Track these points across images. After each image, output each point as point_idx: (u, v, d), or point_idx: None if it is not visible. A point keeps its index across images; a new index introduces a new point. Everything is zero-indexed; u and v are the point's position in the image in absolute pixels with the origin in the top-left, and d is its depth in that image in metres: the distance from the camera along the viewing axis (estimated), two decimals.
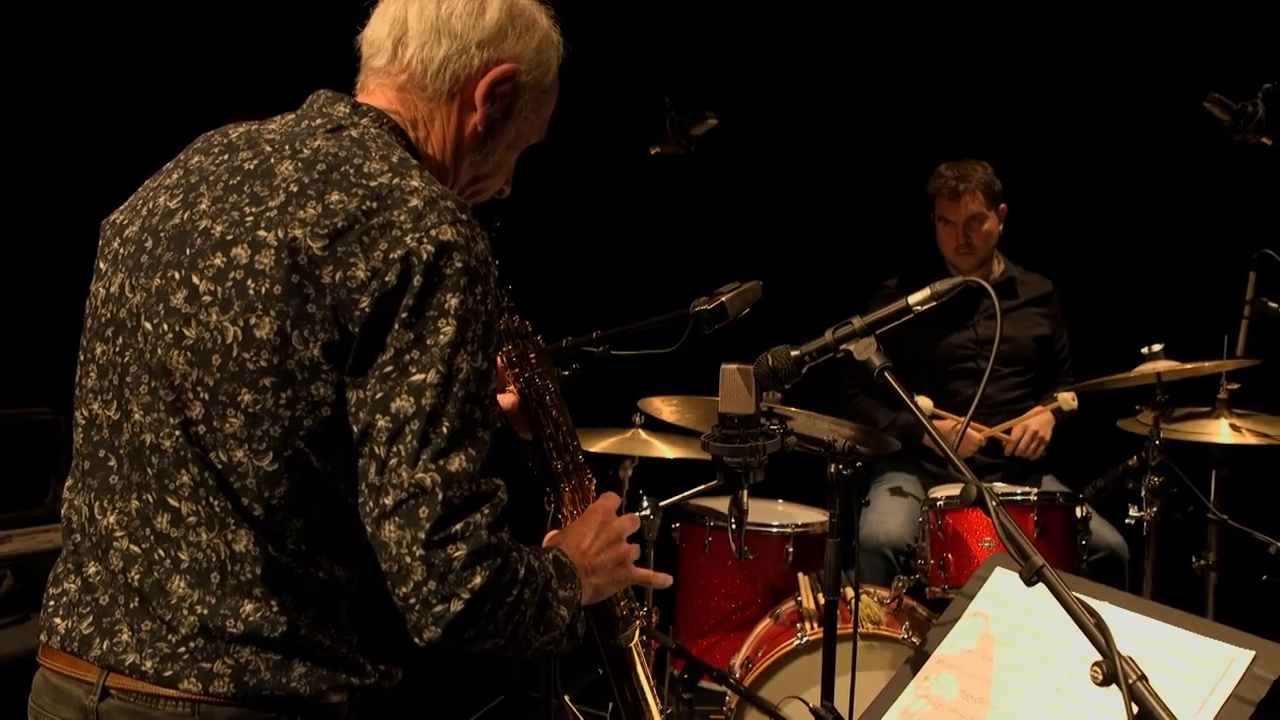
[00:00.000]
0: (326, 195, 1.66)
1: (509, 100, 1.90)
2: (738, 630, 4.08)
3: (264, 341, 1.64)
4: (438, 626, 1.62)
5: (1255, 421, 4.05)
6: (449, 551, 1.60)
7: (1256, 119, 4.05)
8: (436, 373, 1.61)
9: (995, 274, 4.72)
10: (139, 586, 1.73)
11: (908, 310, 2.10)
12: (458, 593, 1.61)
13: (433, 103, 1.86)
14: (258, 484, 1.67)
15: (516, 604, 1.67)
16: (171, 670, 1.70)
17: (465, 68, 1.85)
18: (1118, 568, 4.29)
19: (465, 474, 1.61)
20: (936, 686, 2.25)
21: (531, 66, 1.90)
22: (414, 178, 1.69)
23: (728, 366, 2.19)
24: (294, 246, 1.63)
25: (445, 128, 1.88)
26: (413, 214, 1.64)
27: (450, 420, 1.61)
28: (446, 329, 1.61)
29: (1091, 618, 1.62)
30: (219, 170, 1.77)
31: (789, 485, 4.36)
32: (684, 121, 4.21)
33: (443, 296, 1.61)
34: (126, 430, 1.75)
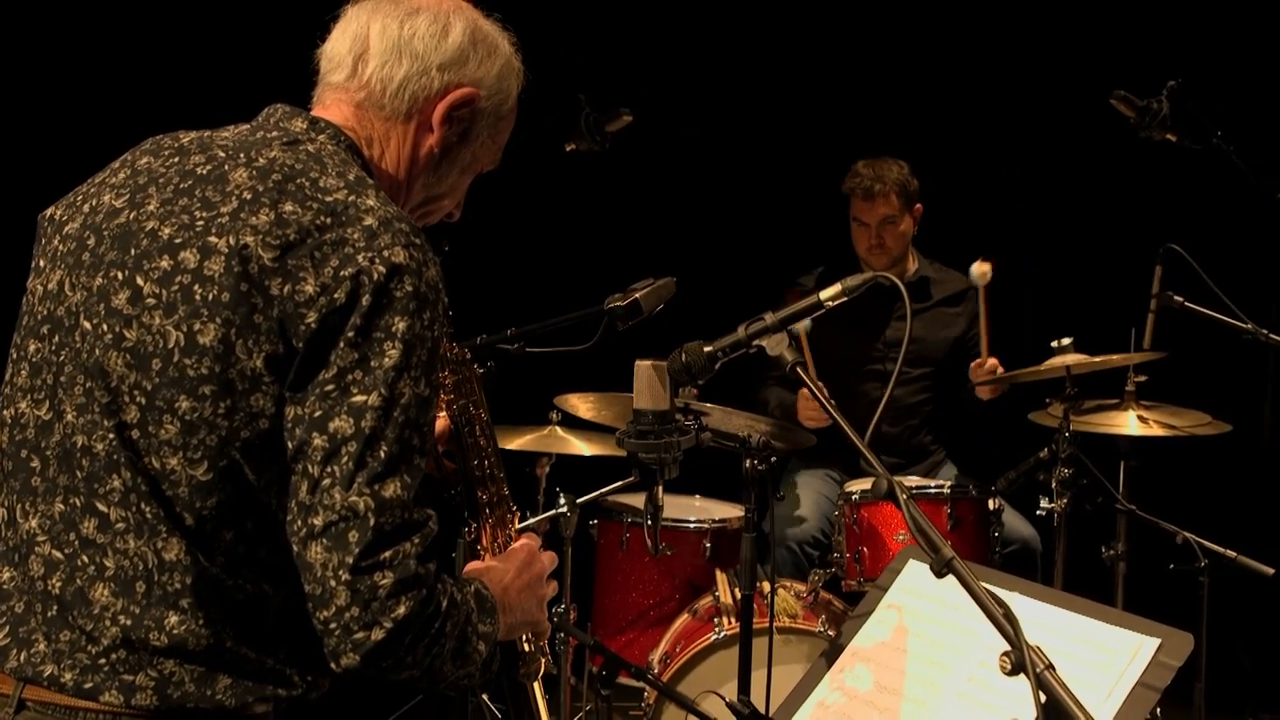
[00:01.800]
0: (280, 205, 1.64)
1: (466, 124, 1.88)
2: (656, 626, 4.09)
3: (206, 348, 1.61)
4: (356, 654, 1.60)
5: (1162, 413, 4.13)
6: (375, 579, 1.58)
7: (1161, 116, 4.12)
8: (379, 395, 1.59)
9: (909, 273, 4.75)
10: (59, 594, 1.68)
11: (819, 306, 2.11)
12: (380, 621, 1.59)
13: (390, 122, 1.84)
14: (190, 493, 1.64)
15: (437, 637, 1.65)
16: (92, 682, 1.66)
17: (425, 89, 1.83)
18: (1030, 559, 4.35)
19: (398, 501, 1.60)
20: (851, 679, 2.27)
21: (491, 92, 1.89)
22: (369, 197, 1.68)
23: (642, 363, 2.19)
24: (244, 254, 1.61)
25: (401, 148, 1.85)
26: (366, 233, 1.63)
27: (389, 445, 1.59)
28: (392, 352, 1.59)
29: (1000, 608, 1.64)
30: (169, 172, 1.73)
31: (706, 481, 4.37)
32: (599, 118, 4.21)
33: (390, 319, 1.60)
34: (57, 431, 1.70)
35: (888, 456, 4.63)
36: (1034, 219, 5.41)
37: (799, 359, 2.03)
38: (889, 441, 4.68)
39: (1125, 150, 4.45)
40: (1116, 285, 4.54)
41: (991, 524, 4.15)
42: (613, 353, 2.67)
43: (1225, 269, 4.09)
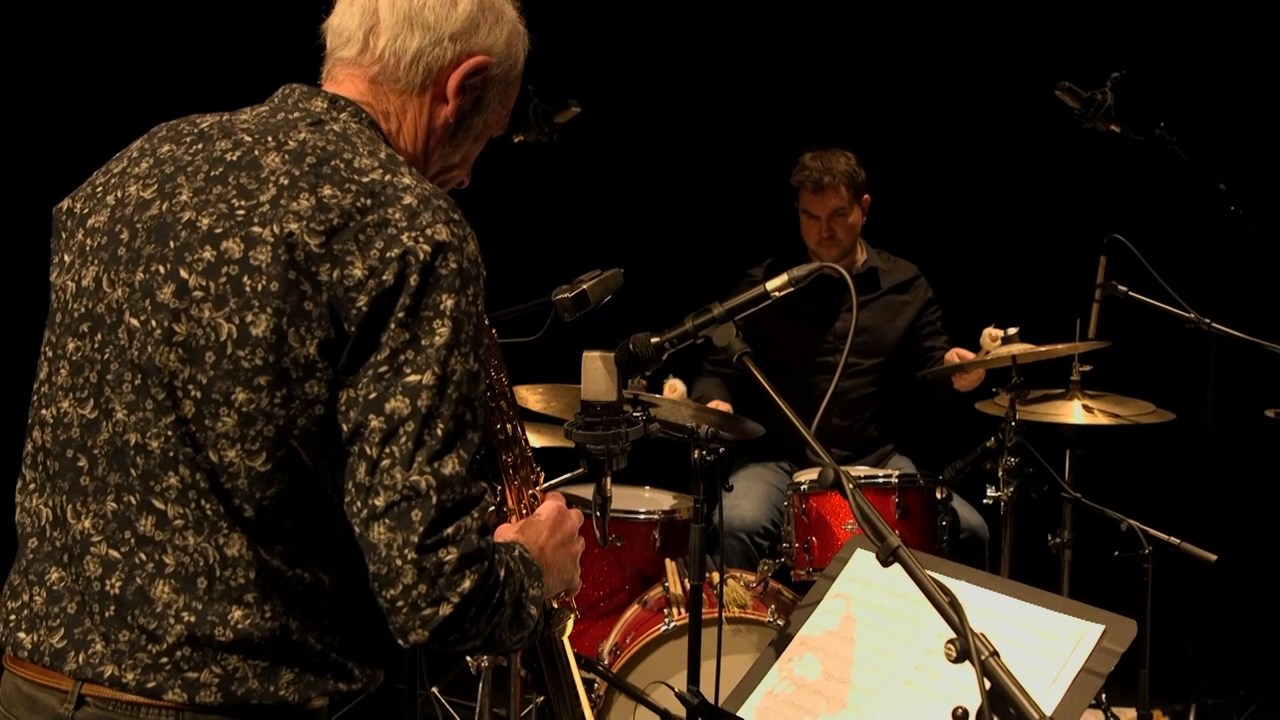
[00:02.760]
0: (319, 189, 1.63)
1: (479, 92, 1.88)
2: (606, 617, 4.09)
3: (260, 339, 1.61)
4: (425, 629, 1.61)
5: (1106, 402, 4.17)
6: (441, 555, 1.59)
7: (1105, 107, 4.15)
8: (432, 374, 1.59)
9: (858, 264, 4.77)
10: (119, 594, 1.67)
11: (766, 296, 2.12)
12: (447, 597, 1.60)
13: (405, 95, 1.84)
14: (249, 484, 1.64)
15: (499, 606, 1.66)
16: (155, 681, 1.65)
17: (439, 60, 1.83)
18: (978, 547, 4.38)
19: (458, 477, 1.61)
20: (800, 668, 2.28)
21: (502, 58, 1.88)
22: (405, 175, 1.68)
23: (589, 354, 2.20)
24: (290, 242, 1.61)
25: (418, 120, 1.85)
26: (407, 212, 1.63)
27: (445, 422, 1.60)
28: (442, 330, 1.60)
29: (945, 596, 1.66)
30: (196, 160, 1.72)
31: (656, 472, 4.38)
32: (547, 109, 4.20)
33: (439, 297, 1.61)
34: (105, 429, 1.69)
35: (838, 449, 4.65)
36: (980, 209, 5.44)
37: (746, 349, 2.04)
38: (839, 434, 4.70)
39: (1070, 141, 4.48)
40: (1061, 275, 4.58)
41: (939, 513, 4.17)
42: (562, 344, 2.67)
43: (1168, 259, 4.13)
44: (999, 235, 5.39)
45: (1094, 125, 4.20)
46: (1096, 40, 5.00)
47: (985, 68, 5.30)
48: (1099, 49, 4.76)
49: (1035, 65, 4.66)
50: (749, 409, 4.01)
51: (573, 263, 2.77)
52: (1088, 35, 5.06)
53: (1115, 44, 4.91)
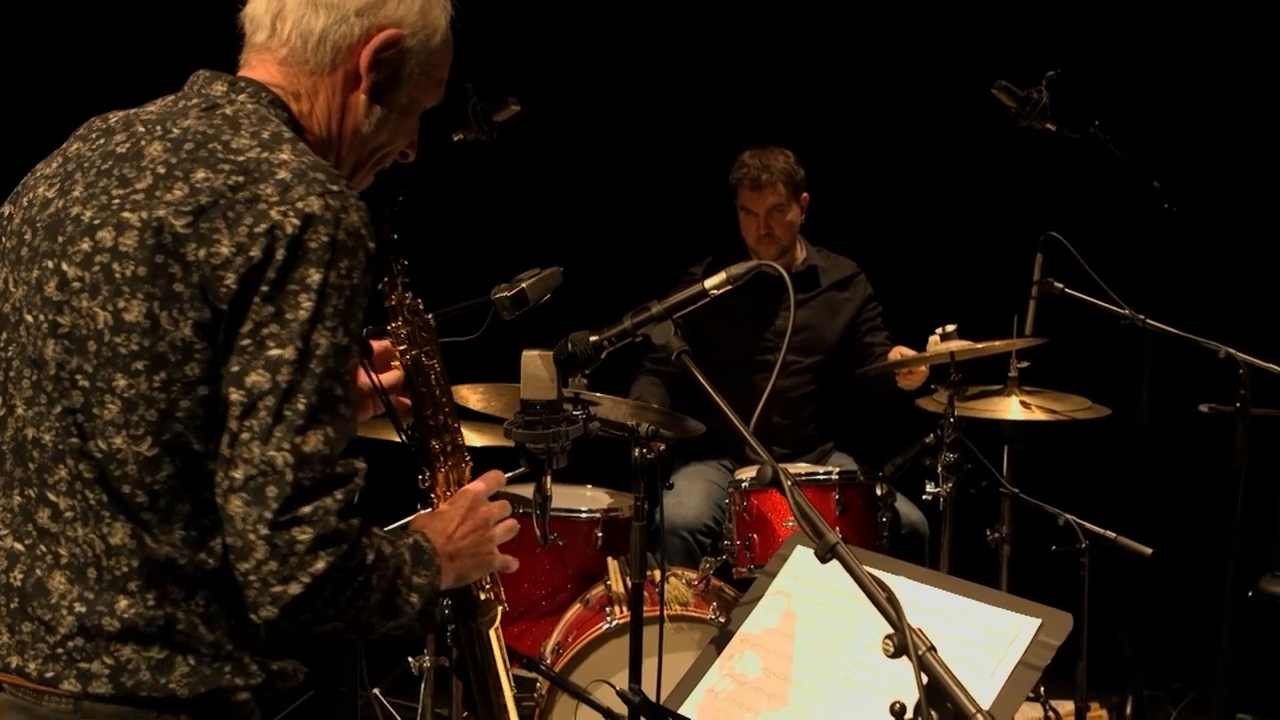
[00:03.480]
0: (193, 174, 1.64)
1: (395, 66, 1.87)
2: (548, 616, 4.08)
3: (134, 325, 1.62)
4: (274, 606, 1.60)
5: (1044, 398, 4.20)
6: (294, 534, 1.58)
7: (1041, 105, 4.19)
8: (294, 349, 1.59)
9: (798, 262, 4.79)
10: (20, 586, 1.69)
11: (704, 295, 2.13)
12: (297, 576, 1.59)
13: (316, 75, 1.83)
14: (139, 470, 1.64)
15: (362, 590, 1.65)
16: (53, 671, 1.67)
17: (346, 37, 1.82)
18: (918, 543, 4.41)
19: (319, 455, 1.59)
20: (740, 665, 2.29)
21: (416, 29, 1.87)
22: (284, 151, 1.67)
23: (529, 353, 2.20)
24: (156, 226, 1.62)
25: (330, 99, 1.85)
26: (279, 186, 1.62)
27: (307, 397, 1.59)
28: (306, 304, 1.59)
29: (883, 592, 1.67)
30: (94, 155, 1.74)
31: (598, 470, 4.37)
32: (486, 108, 4.19)
33: (305, 270, 1.60)
34: (10, 425, 1.71)
35: (778, 447, 4.67)
36: (919, 207, 5.48)
37: (685, 348, 2.04)
38: (779, 432, 4.72)
39: (1006, 139, 4.51)
40: (999, 272, 4.61)
41: (879, 509, 4.20)
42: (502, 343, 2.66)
43: (1104, 256, 4.17)
44: (937, 233, 5.43)
45: (1030, 124, 4.24)
46: (1032, 39, 5.04)
47: (923, 67, 5.33)
48: (1035, 48, 4.80)
49: (972, 64, 4.69)
50: (690, 407, 4.01)
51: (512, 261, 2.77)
52: (1023, 34, 5.10)
53: (1050, 43, 4.95)
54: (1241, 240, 4.96)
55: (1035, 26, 5.14)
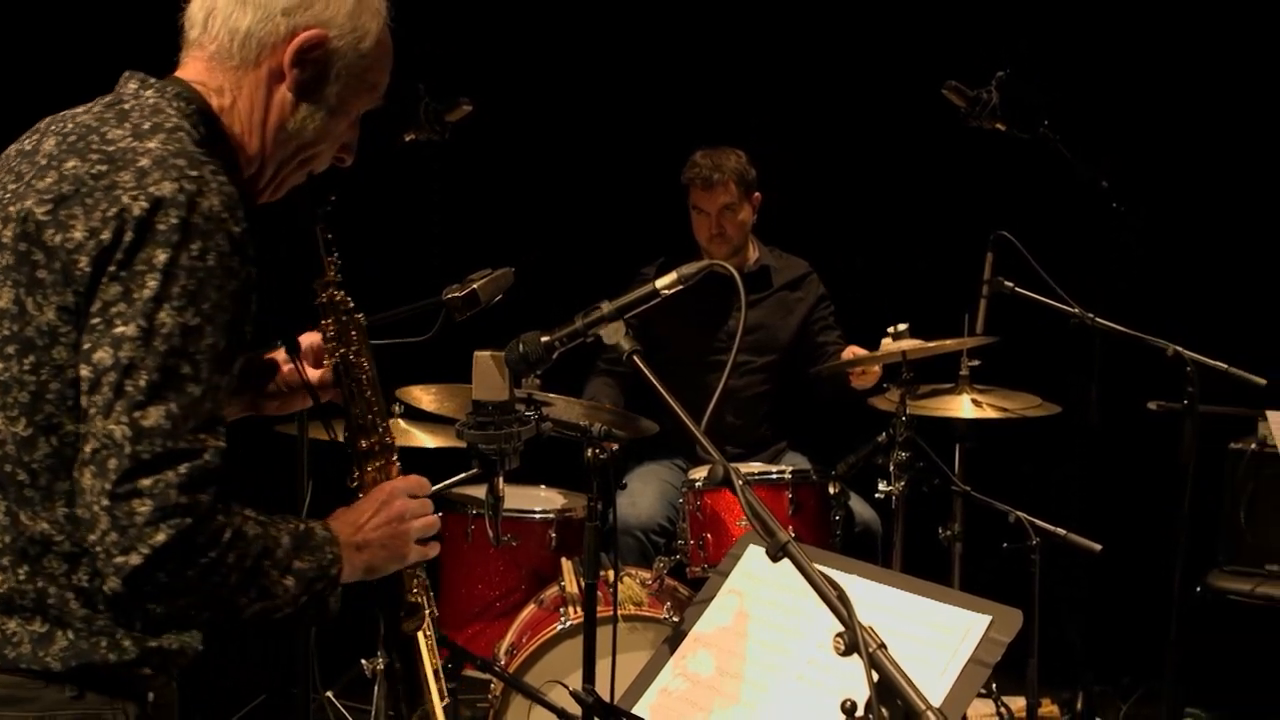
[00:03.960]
0: (65, 163, 1.70)
1: (321, 65, 1.89)
2: (502, 617, 4.08)
3: (4, 311, 1.70)
4: (117, 578, 1.63)
5: (994, 396, 4.23)
6: (133, 505, 1.62)
7: (991, 105, 4.22)
8: (137, 326, 1.63)
9: (750, 261, 4.80)
10: None
11: (655, 294, 2.12)
12: (137, 547, 1.62)
13: (240, 71, 1.87)
14: (17, 450, 1.71)
15: (212, 567, 1.67)
16: None
17: (271, 35, 1.86)
18: (871, 541, 4.43)
19: (160, 430, 1.62)
20: (694, 664, 2.29)
21: (344, 31, 1.90)
22: (153, 140, 1.72)
23: (480, 354, 2.19)
24: (23, 215, 1.69)
25: (254, 94, 1.88)
26: (137, 173, 1.67)
27: (149, 373, 1.63)
28: (151, 283, 1.64)
29: (834, 590, 1.67)
30: (12, 154, 1.82)
31: (552, 471, 4.37)
32: (438, 108, 4.18)
33: (151, 251, 1.64)
34: None
35: (732, 447, 4.67)
36: (870, 207, 5.50)
37: (636, 347, 2.04)
38: (733, 432, 4.73)
39: (957, 139, 4.54)
40: (950, 271, 4.64)
41: (832, 508, 4.21)
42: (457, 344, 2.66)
43: (1053, 255, 4.21)
44: (889, 232, 5.45)
45: (980, 124, 4.27)
46: (983, 39, 5.07)
47: (874, 67, 5.35)
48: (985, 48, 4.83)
49: (922, 64, 4.71)
50: (643, 407, 4.02)
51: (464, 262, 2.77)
52: (974, 34, 5.13)
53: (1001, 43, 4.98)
54: (1189, 239, 5.01)
55: (985, 27, 5.17)
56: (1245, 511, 4.40)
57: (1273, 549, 4.36)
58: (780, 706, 2.15)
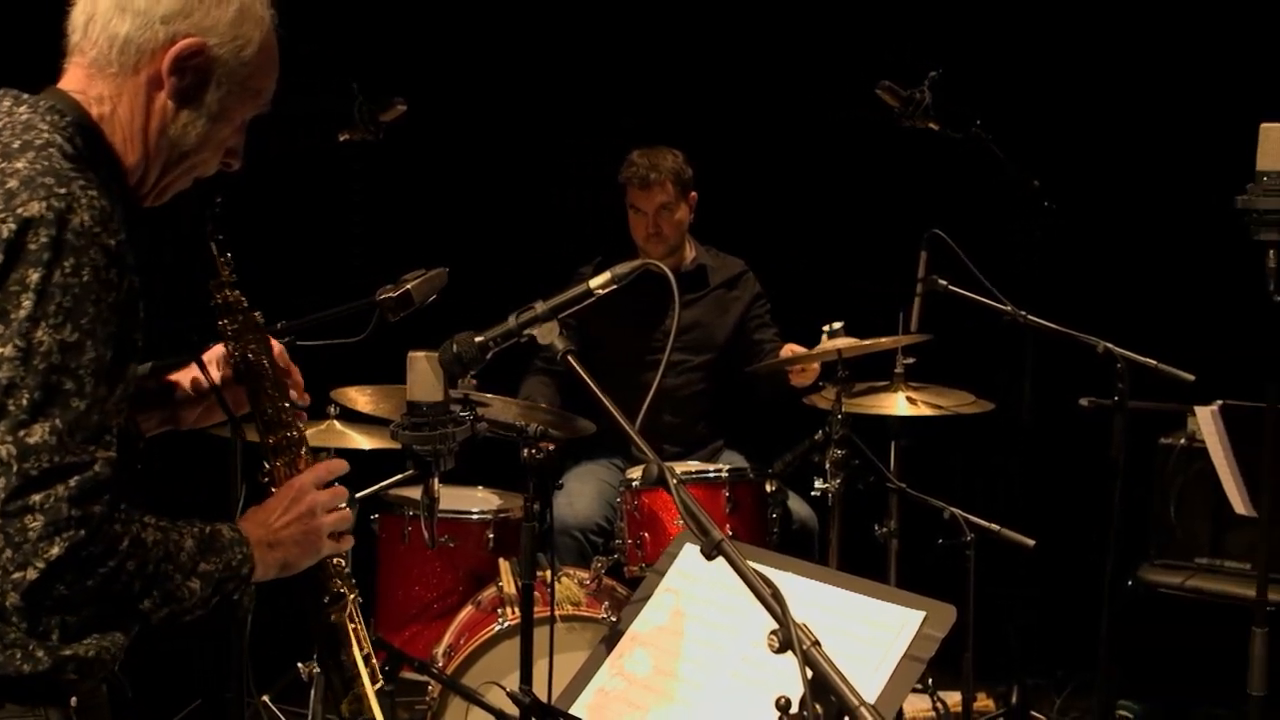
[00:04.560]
0: None
1: (202, 73, 1.88)
2: (440, 619, 4.07)
3: None
4: (16, 593, 1.65)
5: (929, 394, 4.26)
6: (25, 522, 1.63)
7: (924, 105, 4.25)
8: (14, 347, 1.64)
9: (687, 261, 4.81)
10: None
11: (589, 294, 2.13)
12: (32, 562, 1.64)
13: (119, 79, 1.86)
14: None
15: (112, 576, 1.69)
16: None
17: (150, 42, 1.85)
18: (808, 539, 4.45)
19: (46, 446, 1.64)
20: (630, 663, 2.30)
21: (225, 39, 1.89)
22: (21, 160, 1.72)
23: (415, 354, 2.19)
24: None
25: (134, 102, 1.87)
26: (5, 196, 1.67)
27: (30, 392, 1.63)
28: (26, 303, 1.64)
29: (768, 588, 1.68)
30: None
31: (490, 471, 4.36)
32: (372, 107, 4.16)
33: (24, 272, 1.65)
34: None
35: (669, 445, 4.68)
36: (806, 206, 5.53)
37: (570, 347, 2.04)
38: (671, 431, 4.73)
39: (891, 139, 4.57)
40: (885, 270, 4.67)
41: (769, 506, 4.23)
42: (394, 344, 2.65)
43: (986, 253, 4.24)
44: (824, 231, 5.48)
45: (913, 123, 4.30)
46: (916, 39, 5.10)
47: (808, 67, 5.38)
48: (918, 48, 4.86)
49: (856, 64, 4.74)
50: (581, 407, 4.02)
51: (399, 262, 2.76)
52: (907, 34, 5.17)
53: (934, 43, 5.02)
54: (1120, 238, 5.06)
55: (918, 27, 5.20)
56: (1175, 506, 4.45)
57: (1201, 543, 4.42)
58: (717, 704, 2.16)
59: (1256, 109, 2.96)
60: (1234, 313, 3.37)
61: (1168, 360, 4.02)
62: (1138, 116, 5.10)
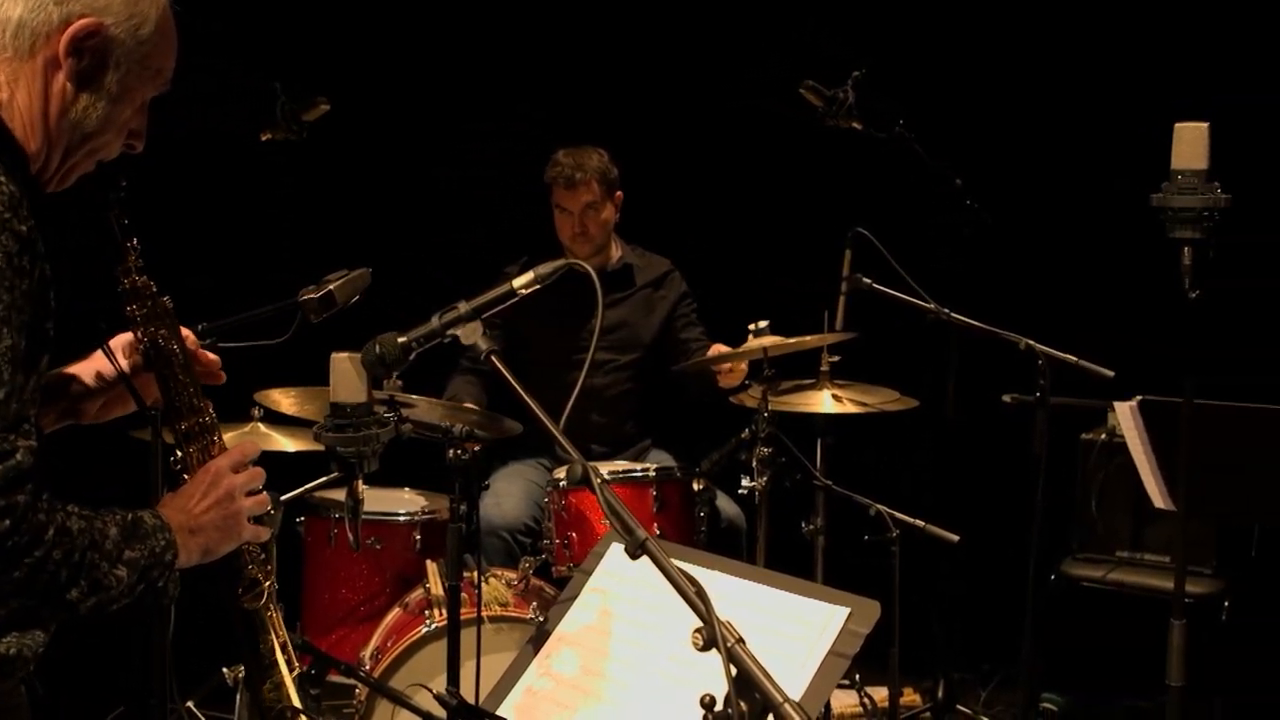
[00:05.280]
0: None
1: (99, 53, 1.86)
2: (367, 621, 4.04)
3: None
4: None
5: (854, 391, 4.28)
6: None
7: (847, 105, 4.29)
8: None
9: (613, 260, 4.81)
10: None
11: (512, 294, 2.13)
12: None
13: (16, 62, 1.83)
14: None
15: (39, 565, 1.68)
16: None
17: (44, 24, 1.82)
18: (735, 537, 4.46)
19: None
20: (558, 664, 2.29)
21: (121, 18, 1.86)
22: None
23: (337, 355, 2.18)
24: None
25: (31, 86, 1.84)
26: None
27: None
28: None
29: (692, 586, 1.68)
30: None
31: (417, 473, 4.34)
32: (295, 107, 4.14)
33: None
34: None
35: (597, 445, 4.68)
36: (732, 205, 5.54)
37: (494, 347, 2.04)
38: (598, 430, 4.73)
39: (815, 138, 4.60)
40: (810, 268, 4.70)
41: (697, 504, 4.24)
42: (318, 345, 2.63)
43: (910, 251, 4.28)
44: (750, 230, 5.50)
45: (837, 123, 4.33)
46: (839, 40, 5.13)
47: (733, 67, 5.39)
48: (841, 48, 4.89)
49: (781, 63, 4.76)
50: (509, 406, 4.01)
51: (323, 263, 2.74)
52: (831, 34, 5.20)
53: (857, 43, 5.05)
54: (1041, 237, 5.12)
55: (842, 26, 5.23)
56: (1096, 500, 4.52)
57: (1122, 537, 4.49)
58: (644, 703, 2.16)
59: (1173, 108, 3.00)
60: (1152, 309, 3.42)
61: (1089, 357, 4.07)
62: (1058, 116, 5.16)
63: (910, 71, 5.04)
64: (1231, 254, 2.94)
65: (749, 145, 5.43)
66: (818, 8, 5.29)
